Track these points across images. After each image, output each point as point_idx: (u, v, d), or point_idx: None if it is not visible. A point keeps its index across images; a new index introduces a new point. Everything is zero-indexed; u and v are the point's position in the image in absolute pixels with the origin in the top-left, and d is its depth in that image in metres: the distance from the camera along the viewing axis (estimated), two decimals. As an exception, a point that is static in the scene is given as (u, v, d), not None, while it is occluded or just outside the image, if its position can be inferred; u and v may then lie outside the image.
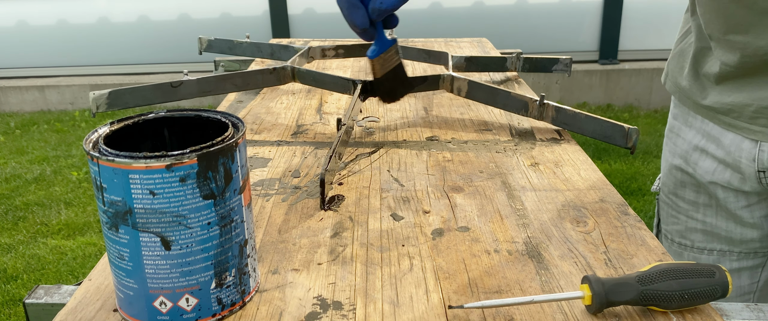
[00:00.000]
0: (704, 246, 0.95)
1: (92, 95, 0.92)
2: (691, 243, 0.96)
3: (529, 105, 0.97)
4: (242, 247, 0.54)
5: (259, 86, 1.07)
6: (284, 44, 1.34)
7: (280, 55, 1.32)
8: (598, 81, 3.79)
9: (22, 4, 3.90)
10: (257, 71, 1.05)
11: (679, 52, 0.94)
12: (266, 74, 1.06)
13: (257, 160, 0.87)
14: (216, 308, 0.53)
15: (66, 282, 2.19)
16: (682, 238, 0.97)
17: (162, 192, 0.48)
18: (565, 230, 0.68)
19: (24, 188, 2.87)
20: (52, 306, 0.65)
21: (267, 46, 1.34)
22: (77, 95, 3.90)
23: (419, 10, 3.78)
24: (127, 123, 0.55)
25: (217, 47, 1.35)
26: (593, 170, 0.83)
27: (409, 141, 0.94)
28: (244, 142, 0.53)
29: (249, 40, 1.34)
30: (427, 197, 0.76)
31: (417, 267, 0.61)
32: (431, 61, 1.28)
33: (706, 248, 0.95)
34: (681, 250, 0.98)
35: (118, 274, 0.51)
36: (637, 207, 2.58)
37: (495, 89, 1.00)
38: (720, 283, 0.54)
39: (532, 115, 0.97)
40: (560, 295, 0.54)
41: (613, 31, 3.85)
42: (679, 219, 0.97)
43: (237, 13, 3.90)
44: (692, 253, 0.96)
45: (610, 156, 3.06)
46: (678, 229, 0.98)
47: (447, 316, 0.54)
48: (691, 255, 0.97)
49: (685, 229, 0.97)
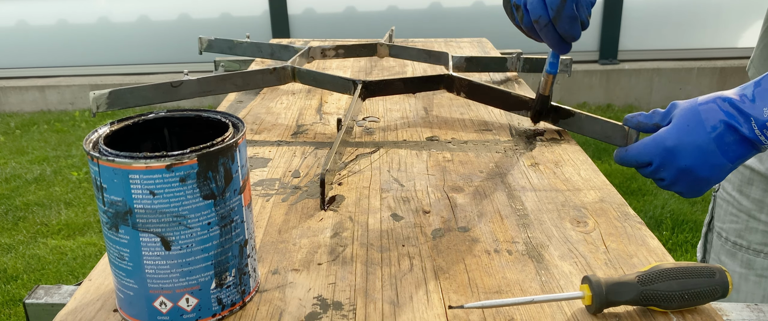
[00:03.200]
0: (761, 248, 0.92)
1: (92, 95, 0.92)
2: (748, 244, 0.93)
3: (529, 105, 0.97)
4: (242, 247, 0.54)
5: (259, 86, 1.07)
6: (284, 44, 1.34)
7: (280, 55, 1.32)
8: (598, 81, 3.79)
9: (22, 4, 3.90)
10: (257, 71, 1.05)
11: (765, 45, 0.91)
12: (266, 74, 1.06)
13: (257, 160, 0.87)
14: (216, 308, 0.53)
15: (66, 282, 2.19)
16: (738, 238, 0.94)
17: (162, 192, 0.48)
18: (565, 230, 0.68)
19: (24, 188, 2.87)
20: (52, 306, 0.65)
21: (267, 46, 1.34)
22: (77, 95, 3.90)
23: (419, 10, 3.78)
24: (127, 123, 0.55)
25: (217, 47, 1.35)
26: (593, 170, 0.83)
27: (409, 141, 0.94)
28: (244, 142, 0.53)
29: (249, 40, 1.35)
30: (427, 197, 0.76)
31: (417, 267, 0.61)
32: (431, 62, 1.28)
33: (764, 251, 0.92)
34: (735, 249, 0.95)
35: (118, 274, 0.51)
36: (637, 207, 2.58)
37: (495, 89, 1.00)
38: (720, 284, 0.54)
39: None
40: (560, 295, 0.54)
41: (613, 31, 3.84)
42: (740, 218, 0.94)
43: (237, 13, 3.90)
44: (747, 255, 0.94)
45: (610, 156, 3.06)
46: (736, 228, 0.95)
47: (447, 316, 0.54)
48: (745, 256, 0.94)
49: (745, 229, 0.94)
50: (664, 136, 0.70)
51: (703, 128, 0.67)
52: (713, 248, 1.00)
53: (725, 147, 0.67)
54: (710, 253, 1.00)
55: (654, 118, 0.75)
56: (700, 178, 0.69)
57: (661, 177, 0.71)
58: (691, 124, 0.68)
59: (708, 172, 0.68)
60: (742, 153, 0.67)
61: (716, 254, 0.98)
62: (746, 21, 3.85)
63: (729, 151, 0.67)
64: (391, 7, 3.80)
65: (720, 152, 0.67)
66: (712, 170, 0.68)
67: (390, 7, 3.80)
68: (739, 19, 3.84)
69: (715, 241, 0.99)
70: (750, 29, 3.85)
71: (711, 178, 0.69)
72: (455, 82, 1.04)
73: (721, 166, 0.68)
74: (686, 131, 0.68)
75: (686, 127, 0.69)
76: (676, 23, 3.81)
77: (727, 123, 0.66)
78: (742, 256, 0.94)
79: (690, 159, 0.68)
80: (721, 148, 0.67)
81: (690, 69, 3.74)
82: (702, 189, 0.71)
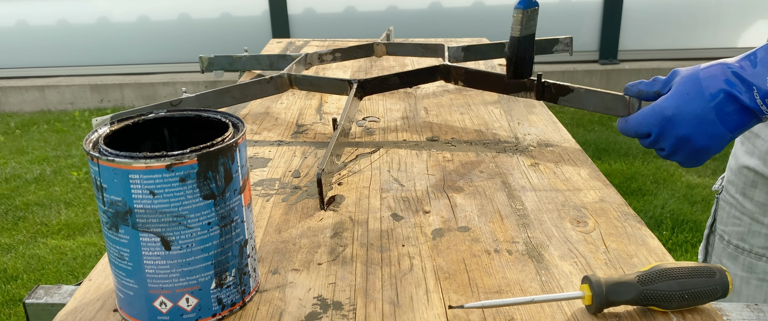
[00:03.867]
0: (764, 252, 0.90)
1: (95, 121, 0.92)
2: (750, 247, 0.91)
3: (528, 85, 0.95)
4: (242, 247, 0.54)
5: (257, 97, 1.07)
6: (282, 54, 1.34)
7: (279, 66, 1.33)
8: (598, 81, 3.79)
9: (22, 4, 3.90)
10: (255, 82, 1.06)
11: None
12: (264, 84, 1.06)
13: (257, 160, 0.87)
14: (216, 308, 0.53)
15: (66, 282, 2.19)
16: (740, 241, 0.92)
17: (162, 192, 0.48)
18: (565, 230, 0.68)
19: (24, 188, 2.87)
20: (52, 306, 0.65)
21: (265, 57, 1.34)
22: (77, 95, 3.90)
23: (419, 10, 3.78)
24: (127, 123, 0.55)
25: (218, 64, 1.37)
26: (593, 170, 0.83)
27: (409, 141, 0.94)
28: (244, 142, 0.53)
29: (248, 54, 1.36)
30: (427, 197, 0.76)
31: (417, 267, 0.61)
32: (428, 55, 1.28)
33: (766, 255, 0.90)
34: (736, 253, 0.93)
35: (119, 274, 0.51)
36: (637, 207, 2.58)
37: (492, 74, 0.99)
38: (720, 284, 0.54)
39: (533, 96, 0.95)
40: (560, 295, 0.54)
41: (613, 31, 3.84)
42: (742, 221, 0.92)
43: (237, 13, 3.90)
44: (749, 258, 0.92)
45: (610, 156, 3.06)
46: (738, 231, 0.92)
47: (447, 316, 0.54)
48: (747, 259, 0.92)
49: (747, 232, 0.91)
50: (663, 105, 0.69)
51: (703, 96, 0.66)
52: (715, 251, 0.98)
53: (725, 116, 0.65)
54: (712, 255, 0.99)
55: (655, 86, 0.74)
56: (699, 148, 0.68)
57: (661, 147, 0.71)
58: (691, 92, 0.67)
59: (707, 142, 0.67)
60: (743, 123, 0.66)
61: (718, 257, 0.97)
62: (746, 21, 3.85)
63: (729, 120, 0.66)
64: (390, 7, 3.80)
65: (719, 121, 0.66)
66: (712, 140, 0.67)
67: (390, 7, 3.80)
68: (739, 19, 3.84)
69: (716, 243, 0.97)
70: (750, 29, 3.85)
71: (710, 147, 0.68)
72: (452, 72, 1.03)
73: (721, 135, 0.67)
74: (685, 100, 0.67)
75: (686, 96, 0.67)
76: (676, 23, 3.81)
77: (727, 92, 0.65)
78: (743, 260, 0.93)
79: (688, 128, 0.67)
80: (721, 118, 0.66)
81: (690, 69, 3.74)
82: (701, 158, 0.70)
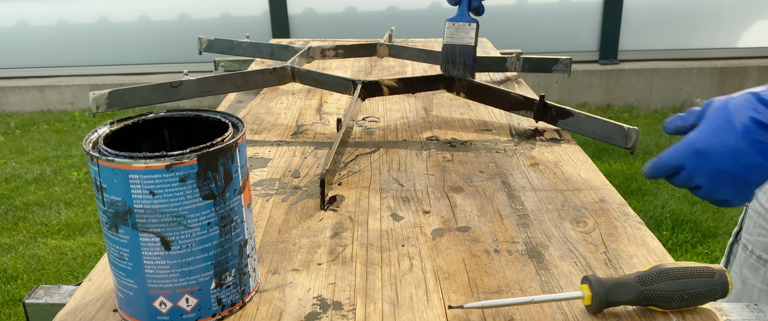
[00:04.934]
0: None
1: (92, 95, 0.92)
2: None
3: (529, 105, 0.97)
4: (242, 247, 0.54)
5: (259, 86, 1.07)
6: (284, 44, 1.34)
7: (280, 56, 1.32)
8: (598, 81, 3.79)
9: (22, 4, 3.90)
10: (257, 71, 1.05)
11: None
12: (266, 74, 1.06)
13: (257, 160, 0.87)
14: (216, 308, 0.53)
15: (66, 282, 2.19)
16: (764, 252, 0.89)
17: (162, 192, 0.48)
18: (565, 230, 0.68)
19: (24, 188, 2.87)
20: (52, 306, 0.65)
21: (267, 46, 1.34)
22: (77, 95, 3.90)
23: (419, 10, 3.78)
24: (127, 123, 0.55)
25: (217, 47, 1.35)
26: (593, 170, 0.83)
27: (409, 141, 0.94)
28: (244, 142, 0.53)
29: (249, 41, 1.35)
30: (427, 197, 0.76)
31: (417, 267, 0.61)
32: (431, 61, 1.28)
33: None
34: (759, 264, 0.90)
35: (118, 274, 0.51)
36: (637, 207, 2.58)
37: (495, 89, 1.00)
38: (720, 284, 0.54)
39: (532, 116, 0.97)
40: (560, 295, 0.54)
41: (613, 31, 3.84)
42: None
43: (237, 13, 3.90)
44: None
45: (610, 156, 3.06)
46: (763, 241, 0.89)
47: (447, 316, 0.54)
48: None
49: None
50: (693, 138, 0.65)
51: (733, 127, 0.62)
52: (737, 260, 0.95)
53: (759, 145, 0.61)
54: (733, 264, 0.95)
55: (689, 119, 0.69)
56: (740, 181, 0.64)
57: (698, 184, 0.66)
58: (721, 123, 0.64)
59: (746, 174, 0.63)
60: None
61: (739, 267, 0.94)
62: (746, 21, 3.85)
63: (764, 149, 0.61)
64: (391, 7, 3.79)
65: (755, 151, 0.62)
66: (751, 172, 0.63)
67: (390, 7, 3.80)
68: (739, 19, 3.84)
69: (739, 252, 0.93)
70: (750, 29, 3.85)
71: (751, 179, 0.64)
72: (455, 83, 1.04)
73: (759, 165, 0.62)
74: (715, 132, 0.64)
75: (715, 128, 0.64)
76: (676, 23, 3.80)
77: (756, 120, 0.61)
78: (765, 273, 0.89)
79: (722, 160, 0.63)
80: (756, 147, 0.62)
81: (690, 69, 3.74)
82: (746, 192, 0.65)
